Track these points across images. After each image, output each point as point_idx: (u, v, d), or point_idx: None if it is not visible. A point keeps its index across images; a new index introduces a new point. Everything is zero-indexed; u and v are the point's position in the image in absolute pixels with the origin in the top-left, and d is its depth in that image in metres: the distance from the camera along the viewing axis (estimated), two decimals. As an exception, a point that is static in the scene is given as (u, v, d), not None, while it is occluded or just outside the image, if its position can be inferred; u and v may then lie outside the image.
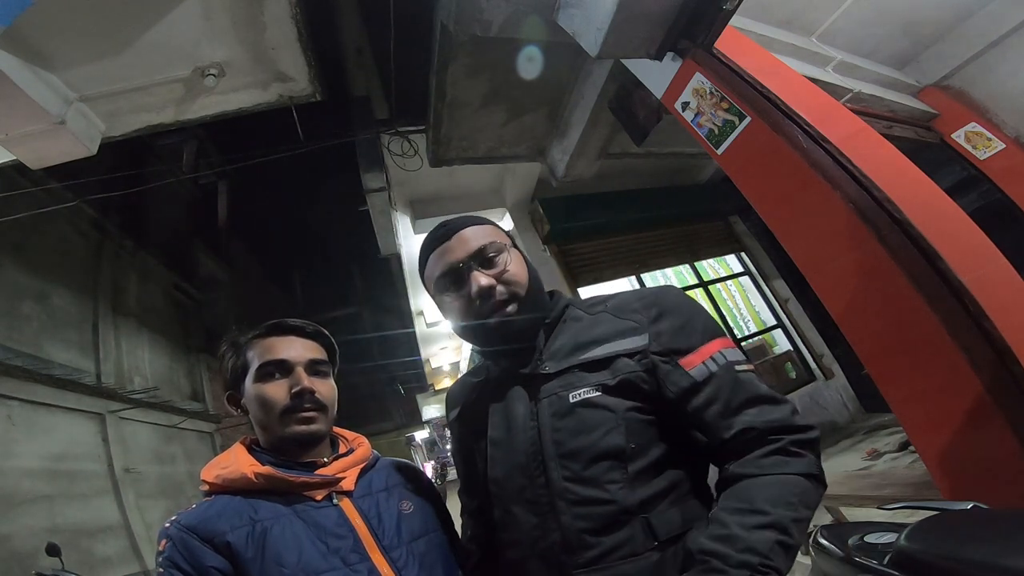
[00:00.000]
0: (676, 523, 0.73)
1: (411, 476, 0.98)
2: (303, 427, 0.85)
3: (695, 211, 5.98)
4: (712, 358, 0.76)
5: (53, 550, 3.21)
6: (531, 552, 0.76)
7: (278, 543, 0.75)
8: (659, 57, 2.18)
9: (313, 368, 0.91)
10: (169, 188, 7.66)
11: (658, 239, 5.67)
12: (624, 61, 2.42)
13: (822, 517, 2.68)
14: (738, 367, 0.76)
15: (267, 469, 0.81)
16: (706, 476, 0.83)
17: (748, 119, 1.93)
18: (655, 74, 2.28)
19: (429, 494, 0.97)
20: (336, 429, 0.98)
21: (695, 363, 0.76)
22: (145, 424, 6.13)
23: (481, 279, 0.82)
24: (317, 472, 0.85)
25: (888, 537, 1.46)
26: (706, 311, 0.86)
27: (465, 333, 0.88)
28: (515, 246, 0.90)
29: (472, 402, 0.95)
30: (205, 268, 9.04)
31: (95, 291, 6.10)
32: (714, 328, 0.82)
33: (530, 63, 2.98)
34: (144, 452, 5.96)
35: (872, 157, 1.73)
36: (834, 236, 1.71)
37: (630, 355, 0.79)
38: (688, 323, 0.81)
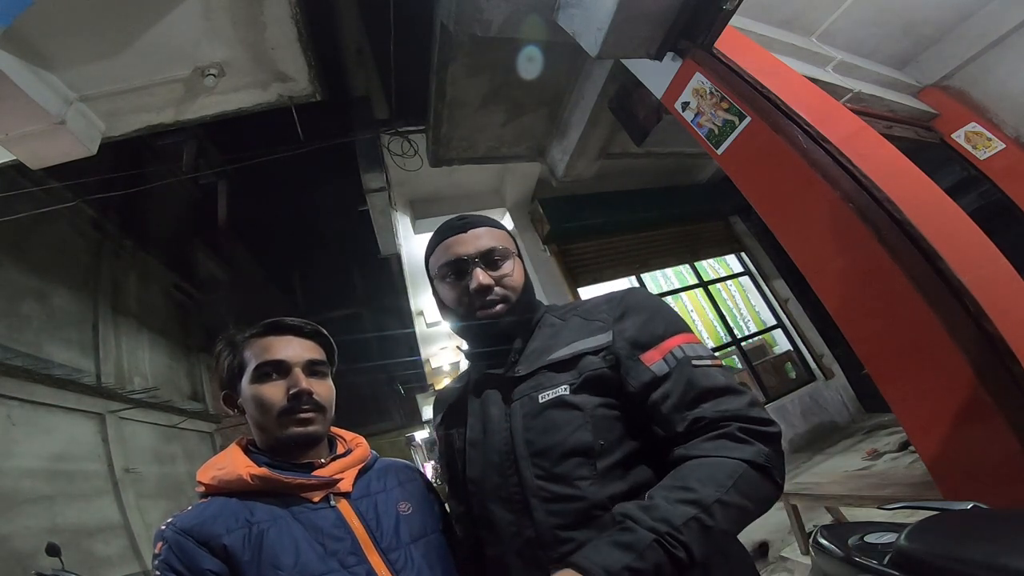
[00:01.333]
0: None
1: (410, 477, 0.98)
2: (301, 429, 0.85)
3: (695, 211, 5.98)
4: (672, 352, 0.78)
5: (53, 550, 3.20)
6: (509, 548, 0.78)
7: (275, 546, 0.75)
8: (659, 57, 2.18)
9: (311, 368, 0.89)
10: (169, 188, 7.66)
11: (658, 239, 5.67)
12: (624, 61, 2.42)
13: (822, 517, 2.68)
14: (696, 362, 0.77)
15: (263, 471, 0.80)
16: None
17: (748, 119, 1.93)
18: (655, 74, 2.28)
19: (429, 495, 0.96)
20: (334, 429, 0.97)
21: (655, 359, 0.78)
22: (145, 424, 6.13)
23: (482, 276, 0.87)
24: (314, 473, 0.84)
25: (888, 537, 1.45)
26: (671, 308, 0.88)
27: (452, 321, 0.94)
28: (519, 256, 0.96)
29: (453, 407, 0.98)
30: (205, 268, 9.04)
31: (95, 291, 6.09)
32: (677, 324, 0.83)
33: (530, 63, 2.98)
34: (144, 452, 5.96)
35: (872, 157, 1.73)
36: (834, 236, 1.71)
37: (594, 352, 0.82)
38: (650, 319, 0.83)
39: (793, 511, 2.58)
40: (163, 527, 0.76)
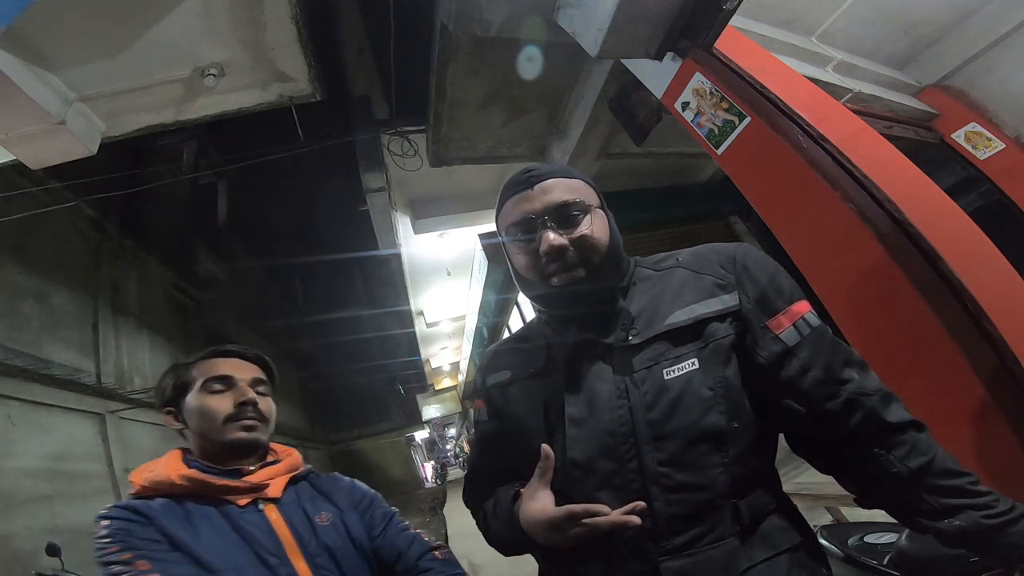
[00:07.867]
0: (758, 508, 0.71)
1: (342, 488, 1.03)
2: (245, 434, 0.91)
3: (695, 211, 5.98)
4: (804, 319, 0.73)
5: (53, 550, 3.20)
6: (614, 539, 0.69)
7: (203, 530, 0.81)
8: (659, 57, 2.18)
9: (255, 384, 0.97)
10: (169, 188, 7.65)
11: (658, 239, 5.66)
12: (624, 61, 2.42)
13: (822, 517, 2.68)
14: (828, 332, 0.74)
15: (192, 472, 0.86)
16: (775, 455, 0.80)
17: (748, 119, 1.93)
18: (655, 74, 2.28)
19: (359, 507, 1.01)
20: (271, 444, 1.03)
21: (784, 325, 0.72)
22: (145, 424, 6.12)
23: (552, 238, 0.74)
24: (243, 479, 0.90)
25: (888, 537, 1.45)
26: (785, 271, 0.80)
27: (526, 290, 0.84)
28: (602, 206, 0.83)
29: (534, 372, 0.83)
30: (205, 268, 9.02)
31: (95, 291, 6.08)
32: (797, 288, 0.78)
33: (530, 63, 2.98)
34: (144, 452, 5.94)
35: (872, 157, 1.73)
36: (834, 236, 1.71)
37: (720, 318, 0.73)
38: (773, 280, 0.76)
39: (793, 511, 2.58)
40: (104, 511, 0.82)
